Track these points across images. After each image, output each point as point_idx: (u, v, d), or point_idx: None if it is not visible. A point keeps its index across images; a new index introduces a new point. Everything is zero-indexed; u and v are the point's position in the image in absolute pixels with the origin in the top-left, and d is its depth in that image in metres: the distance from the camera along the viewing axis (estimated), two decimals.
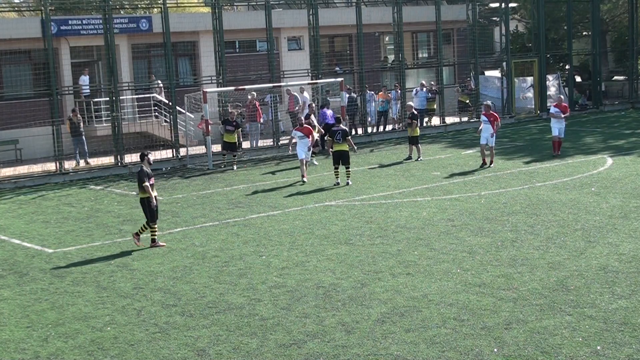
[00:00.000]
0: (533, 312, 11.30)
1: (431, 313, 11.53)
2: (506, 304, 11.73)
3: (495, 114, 24.80)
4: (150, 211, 16.29)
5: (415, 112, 27.53)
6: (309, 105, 29.80)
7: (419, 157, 26.83)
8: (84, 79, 30.73)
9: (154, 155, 28.74)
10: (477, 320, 11.16)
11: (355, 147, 23.66)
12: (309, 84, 32.04)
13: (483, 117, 24.76)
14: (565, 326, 10.73)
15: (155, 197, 16.31)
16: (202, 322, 11.75)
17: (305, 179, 23.39)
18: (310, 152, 24.48)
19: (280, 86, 31.31)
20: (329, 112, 29.38)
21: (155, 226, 16.52)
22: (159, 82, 31.95)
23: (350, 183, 22.62)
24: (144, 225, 16.57)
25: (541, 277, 12.93)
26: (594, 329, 10.58)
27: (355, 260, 14.68)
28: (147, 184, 16.13)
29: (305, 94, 32.90)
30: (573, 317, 11.06)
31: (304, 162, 23.68)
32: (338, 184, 22.53)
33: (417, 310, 11.71)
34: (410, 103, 29.58)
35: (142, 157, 16.67)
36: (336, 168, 22.81)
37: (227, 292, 13.14)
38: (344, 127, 23.39)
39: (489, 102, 25.40)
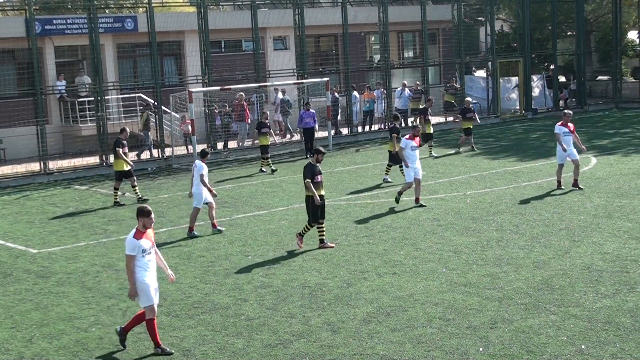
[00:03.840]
0: (518, 312, 11.34)
1: (417, 312, 11.55)
2: (491, 304, 11.76)
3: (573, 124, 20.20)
4: (313, 210, 15.37)
5: (471, 107, 28.53)
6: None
7: (473, 147, 27.93)
8: (59, 84, 30.41)
9: (139, 156, 28.90)
10: (463, 319, 11.18)
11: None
12: (294, 83, 32.01)
13: (563, 129, 19.61)
14: (550, 325, 10.77)
15: (321, 195, 15.31)
16: (188, 322, 11.72)
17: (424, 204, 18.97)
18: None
19: (266, 86, 31.25)
20: (311, 111, 28.98)
21: (323, 225, 15.56)
22: (85, 80, 31.12)
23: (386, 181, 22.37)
24: (306, 225, 15.71)
25: (526, 277, 12.97)
26: (579, 328, 10.62)
27: (341, 259, 14.67)
28: (308, 180, 15.25)
29: (280, 94, 32.85)
30: (558, 316, 11.10)
31: (411, 185, 19.03)
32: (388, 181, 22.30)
33: (403, 309, 11.72)
34: (468, 98, 30.00)
35: (316, 152, 15.59)
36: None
37: (213, 292, 13.11)
38: (393, 126, 23.01)
39: (569, 111, 20.58)
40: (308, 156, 28.77)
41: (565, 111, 20.51)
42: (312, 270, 14.06)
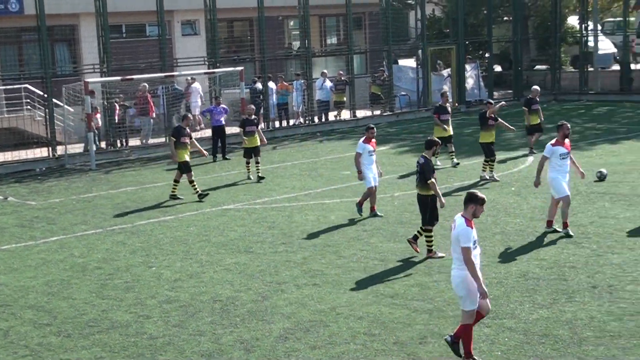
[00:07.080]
0: (449, 325, 11.51)
1: (339, 327, 11.62)
2: (421, 316, 11.92)
3: None
4: (432, 211, 15.05)
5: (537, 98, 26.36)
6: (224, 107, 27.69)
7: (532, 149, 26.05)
8: None
9: (26, 154, 28.27)
10: (390, 334, 11.31)
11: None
12: (205, 73, 31.81)
13: (367, 147, 18.39)
14: (484, 339, 10.98)
15: (433, 196, 15.00)
16: (82, 343, 11.54)
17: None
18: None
19: (172, 76, 30.97)
20: (222, 107, 28.49)
21: (431, 232, 15.18)
22: None
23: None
24: (420, 228, 15.26)
25: None
26: (514, 342, 10.86)
27: (256, 270, 14.67)
28: (433, 180, 14.90)
29: (197, 84, 32.55)
30: (491, 329, 11.33)
31: (569, 202, 16.61)
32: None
33: (323, 324, 11.78)
34: (536, 87, 28.19)
35: (434, 144, 15.18)
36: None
37: (111, 309, 12.94)
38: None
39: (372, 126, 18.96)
40: (224, 158, 27.89)
41: (370, 125, 19.05)
42: (224, 283, 14.02)
